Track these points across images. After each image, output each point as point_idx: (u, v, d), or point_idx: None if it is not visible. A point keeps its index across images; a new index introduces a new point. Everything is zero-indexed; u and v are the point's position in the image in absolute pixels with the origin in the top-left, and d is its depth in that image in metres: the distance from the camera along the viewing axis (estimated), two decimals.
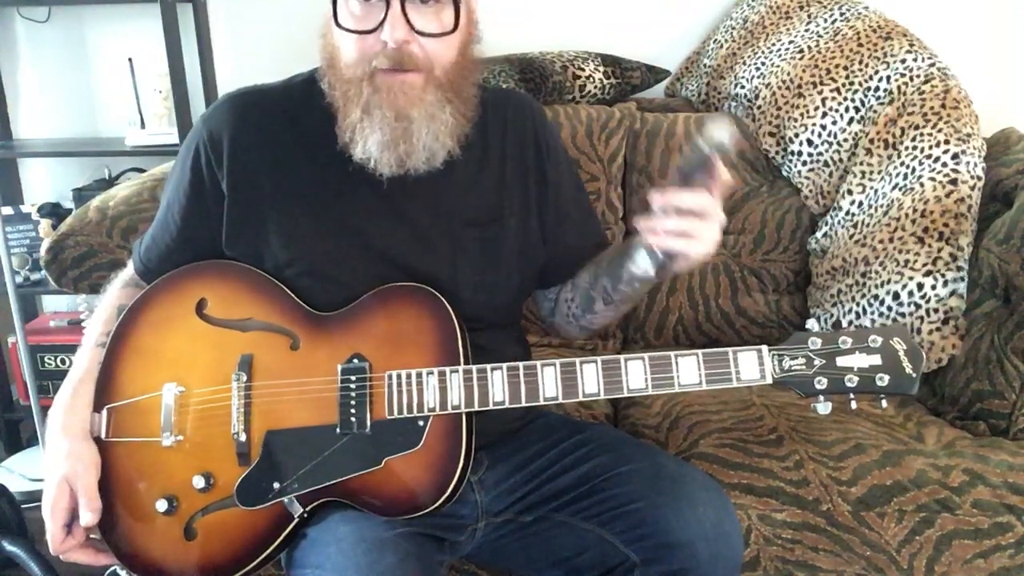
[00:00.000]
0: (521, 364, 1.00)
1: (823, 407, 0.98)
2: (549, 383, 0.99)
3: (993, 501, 1.25)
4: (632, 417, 1.52)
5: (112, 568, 1.14)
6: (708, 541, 1.01)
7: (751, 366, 0.98)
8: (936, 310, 1.52)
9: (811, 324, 1.00)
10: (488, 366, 1.00)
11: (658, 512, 1.03)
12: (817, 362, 0.98)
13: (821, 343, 0.98)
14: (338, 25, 1.00)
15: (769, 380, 0.97)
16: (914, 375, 0.97)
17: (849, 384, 0.97)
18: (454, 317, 1.03)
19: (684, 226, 0.95)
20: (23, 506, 1.88)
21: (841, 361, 0.97)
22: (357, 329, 1.05)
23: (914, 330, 1.53)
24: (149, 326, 1.09)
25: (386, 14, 0.96)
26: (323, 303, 1.07)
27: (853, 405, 0.99)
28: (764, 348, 0.98)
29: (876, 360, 0.97)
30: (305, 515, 1.02)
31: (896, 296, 1.56)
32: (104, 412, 1.07)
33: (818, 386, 0.98)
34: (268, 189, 1.09)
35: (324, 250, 1.08)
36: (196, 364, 1.06)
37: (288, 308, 1.07)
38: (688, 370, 0.97)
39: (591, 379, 0.99)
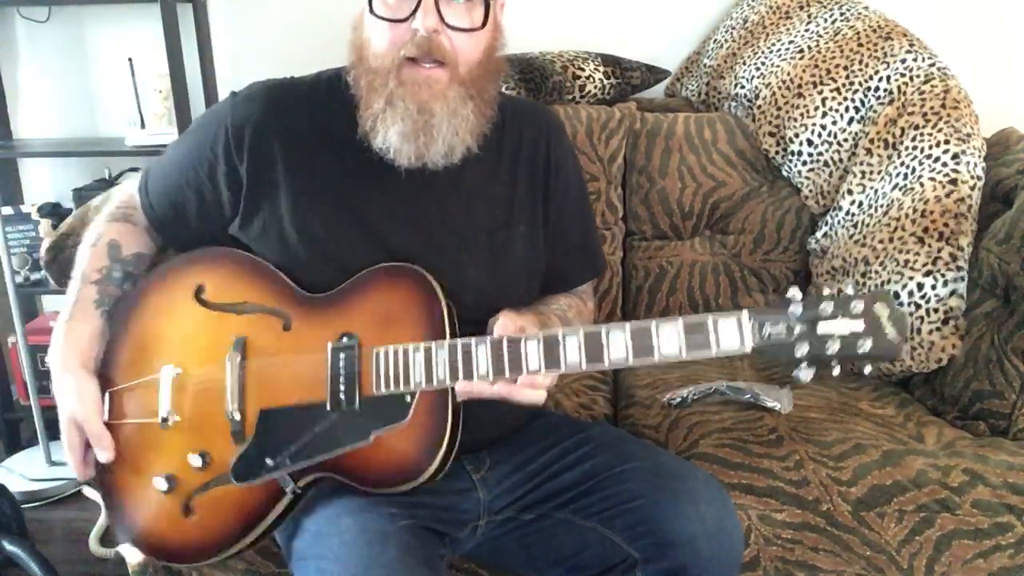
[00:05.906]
0: (505, 338, 0.97)
1: (804, 374, 0.93)
2: (532, 356, 0.96)
3: (993, 501, 1.25)
4: (632, 417, 1.52)
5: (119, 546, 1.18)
6: (709, 538, 1.02)
7: (731, 334, 0.92)
8: (936, 310, 1.52)
9: (792, 292, 0.93)
10: (473, 340, 0.98)
11: (659, 509, 1.03)
12: (798, 329, 0.91)
13: (802, 309, 0.91)
14: (372, 11, 1.03)
15: (748, 348, 0.92)
16: (896, 340, 0.91)
17: (830, 351, 0.91)
18: (440, 295, 1.04)
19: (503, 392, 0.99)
20: (23, 506, 1.88)
21: (822, 328, 0.91)
22: (347, 309, 1.06)
23: (914, 330, 1.53)
24: (148, 312, 1.12)
25: (419, 4, 1.00)
26: (324, 285, 1.09)
27: (836, 372, 0.94)
28: (744, 313, 0.92)
29: (858, 326, 0.91)
30: (298, 491, 1.03)
31: (896, 296, 1.55)
32: (106, 396, 1.08)
33: (798, 353, 0.91)
34: (285, 171, 1.11)
35: (335, 235, 1.10)
36: (193, 346, 1.09)
37: (282, 291, 1.09)
38: (668, 339, 0.93)
39: (573, 350, 0.95)
